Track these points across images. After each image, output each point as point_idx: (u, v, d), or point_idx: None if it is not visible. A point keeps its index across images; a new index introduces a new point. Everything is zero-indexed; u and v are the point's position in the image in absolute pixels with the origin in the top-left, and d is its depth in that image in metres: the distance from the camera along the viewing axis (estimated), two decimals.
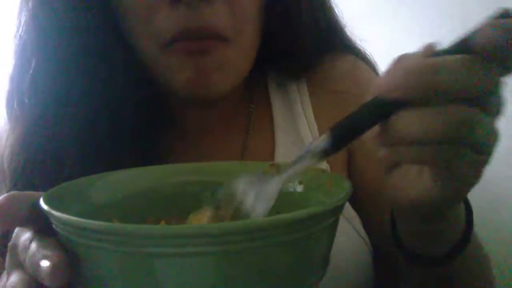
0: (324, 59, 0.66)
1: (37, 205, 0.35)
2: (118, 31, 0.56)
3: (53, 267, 0.32)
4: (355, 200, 0.60)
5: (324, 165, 0.61)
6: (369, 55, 0.70)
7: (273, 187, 0.40)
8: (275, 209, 0.46)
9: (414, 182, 0.39)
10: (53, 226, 0.35)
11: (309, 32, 0.62)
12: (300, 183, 0.46)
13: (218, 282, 0.31)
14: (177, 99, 0.61)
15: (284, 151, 0.62)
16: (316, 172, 0.45)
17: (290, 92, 0.66)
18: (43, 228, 0.35)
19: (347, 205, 0.59)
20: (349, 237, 0.58)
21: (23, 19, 0.57)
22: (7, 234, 0.38)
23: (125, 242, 0.31)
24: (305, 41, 0.62)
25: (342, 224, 0.57)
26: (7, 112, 0.60)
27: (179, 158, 0.59)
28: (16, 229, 0.37)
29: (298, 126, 0.64)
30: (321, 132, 0.63)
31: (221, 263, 0.31)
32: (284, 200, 0.46)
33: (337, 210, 0.36)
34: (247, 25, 0.56)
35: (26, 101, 0.57)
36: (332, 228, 0.37)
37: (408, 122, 0.34)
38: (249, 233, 0.31)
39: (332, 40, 0.66)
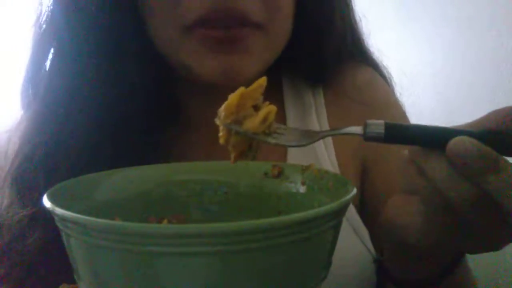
0: (343, 68, 0.65)
1: None
2: (136, 23, 0.55)
3: None
4: (364, 213, 0.60)
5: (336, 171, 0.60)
6: (385, 68, 0.70)
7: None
8: (276, 210, 0.46)
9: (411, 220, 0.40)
10: (56, 223, 0.35)
11: (336, 40, 0.61)
12: (303, 184, 0.46)
13: (220, 282, 0.32)
14: (192, 96, 0.61)
15: (296, 156, 0.61)
16: (319, 173, 0.45)
17: (305, 98, 0.65)
18: None
19: (358, 220, 0.59)
20: (358, 251, 0.58)
21: (43, 9, 0.58)
22: None
23: (127, 241, 0.31)
24: (329, 48, 0.61)
25: (352, 239, 0.57)
26: (22, 99, 0.61)
27: (190, 159, 0.59)
28: None
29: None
30: (336, 146, 0.62)
31: (222, 263, 0.31)
32: (286, 201, 0.46)
33: (340, 213, 0.36)
34: (280, 13, 0.55)
35: (40, 90, 0.58)
36: (335, 230, 0.37)
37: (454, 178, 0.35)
38: (251, 234, 0.31)
39: (352, 49, 0.66)
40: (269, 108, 0.41)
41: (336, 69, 0.64)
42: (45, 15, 0.58)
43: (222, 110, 0.41)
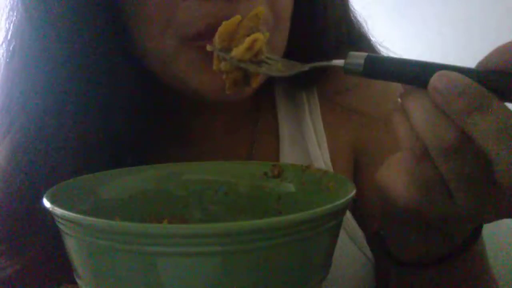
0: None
1: None
2: (121, 34, 0.50)
3: None
4: (358, 214, 0.59)
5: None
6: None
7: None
8: (277, 210, 0.46)
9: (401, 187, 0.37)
10: (56, 223, 0.35)
11: (332, 42, 0.58)
12: (302, 184, 0.46)
13: (220, 282, 0.32)
14: (184, 107, 0.58)
15: (289, 158, 0.60)
16: (319, 173, 0.45)
17: (299, 102, 0.63)
18: None
19: (352, 223, 0.58)
20: (353, 256, 0.57)
21: (13, 23, 0.53)
22: None
23: (127, 241, 0.31)
24: (326, 51, 0.58)
25: (346, 243, 0.56)
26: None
27: None
28: None
29: (306, 139, 0.61)
30: (330, 147, 0.61)
31: (223, 263, 0.31)
32: (286, 201, 0.46)
33: (340, 213, 0.36)
34: (283, 22, 0.52)
35: (16, 117, 0.54)
36: (335, 230, 0.37)
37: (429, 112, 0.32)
38: (251, 234, 0.31)
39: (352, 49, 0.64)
40: (255, 36, 0.40)
41: (328, 71, 0.61)
42: (15, 33, 0.52)
43: (216, 37, 0.41)
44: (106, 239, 0.32)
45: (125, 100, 0.51)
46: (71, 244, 0.35)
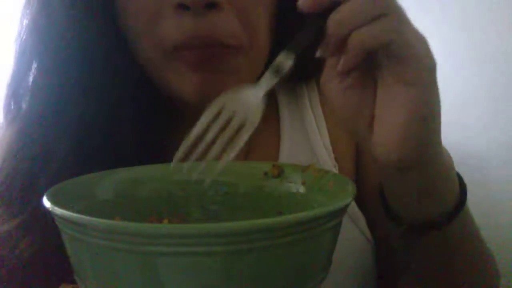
0: None
1: None
2: (120, 36, 0.54)
3: None
4: (360, 197, 0.60)
5: (332, 162, 0.60)
6: None
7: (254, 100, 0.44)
8: (276, 210, 0.46)
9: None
10: (56, 223, 0.35)
11: None
12: (302, 184, 0.46)
13: (220, 282, 0.32)
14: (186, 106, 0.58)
15: (289, 152, 0.61)
16: (319, 173, 0.45)
17: (298, 90, 0.65)
18: None
19: (353, 205, 0.59)
20: (354, 239, 0.58)
21: (24, 23, 0.56)
22: None
23: (127, 241, 0.31)
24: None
25: (348, 226, 0.56)
26: (4, 115, 0.58)
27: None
28: None
29: (306, 126, 0.63)
30: (330, 133, 0.62)
31: (223, 263, 0.31)
32: (286, 201, 0.46)
33: (340, 213, 0.36)
34: (258, 35, 0.54)
35: (23, 105, 0.56)
36: (335, 230, 0.37)
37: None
38: (251, 234, 0.31)
39: None
40: None
41: None
42: (26, 31, 0.56)
43: None
44: (106, 239, 0.32)
45: (127, 101, 0.53)
46: (71, 244, 0.35)
